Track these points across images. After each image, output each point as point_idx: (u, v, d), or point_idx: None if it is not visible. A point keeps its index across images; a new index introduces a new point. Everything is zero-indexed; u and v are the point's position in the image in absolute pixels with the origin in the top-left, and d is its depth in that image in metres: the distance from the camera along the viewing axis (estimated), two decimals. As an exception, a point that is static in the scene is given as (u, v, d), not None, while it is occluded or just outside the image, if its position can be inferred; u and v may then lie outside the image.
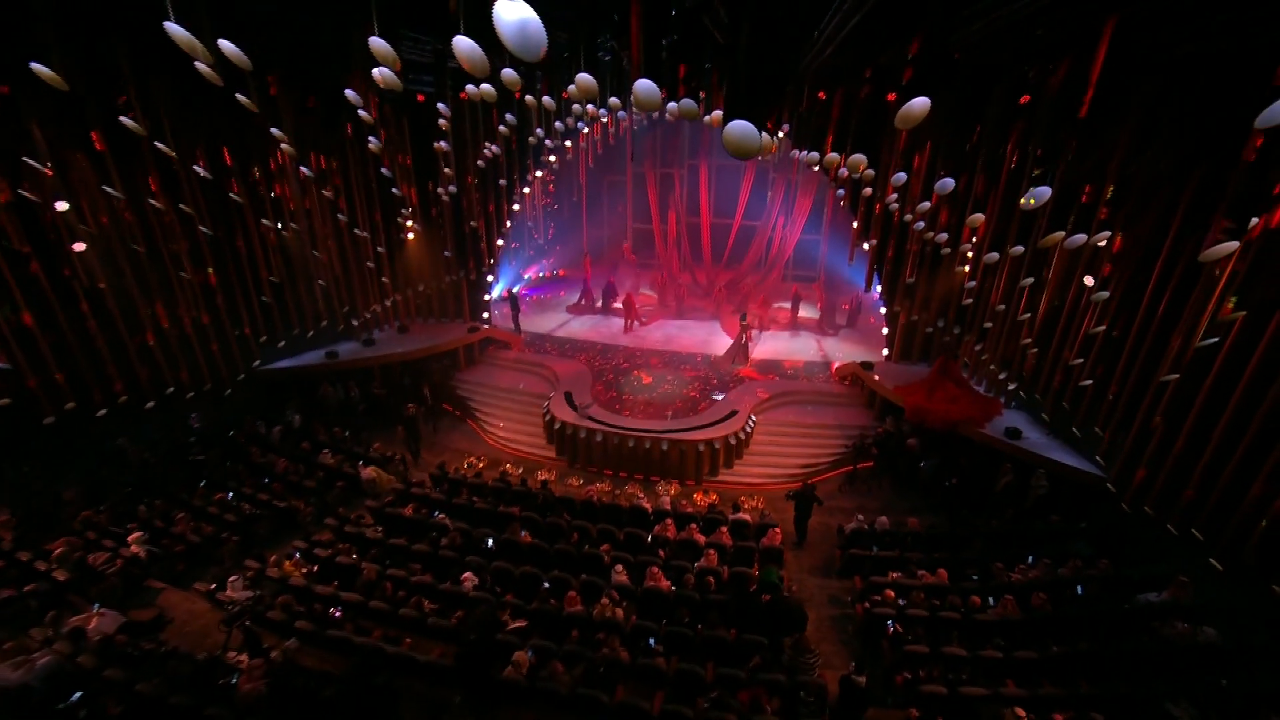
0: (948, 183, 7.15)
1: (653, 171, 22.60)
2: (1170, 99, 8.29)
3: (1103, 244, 9.21)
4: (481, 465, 14.02)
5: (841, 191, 14.58)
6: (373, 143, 10.90)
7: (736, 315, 20.29)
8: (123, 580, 8.74)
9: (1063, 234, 5.76)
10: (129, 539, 9.32)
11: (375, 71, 5.88)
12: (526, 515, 10.95)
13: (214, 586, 8.82)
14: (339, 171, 14.53)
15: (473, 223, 17.00)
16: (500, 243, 18.06)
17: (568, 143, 17.44)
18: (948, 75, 10.24)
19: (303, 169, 12.19)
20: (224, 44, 5.46)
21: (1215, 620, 7.62)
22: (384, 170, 13.35)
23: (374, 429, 15.44)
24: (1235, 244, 5.13)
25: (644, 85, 4.34)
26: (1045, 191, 4.89)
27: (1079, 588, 8.68)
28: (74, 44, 9.39)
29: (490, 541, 10.30)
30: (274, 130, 9.93)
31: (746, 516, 10.96)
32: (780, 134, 14.07)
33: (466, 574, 9.43)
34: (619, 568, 9.26)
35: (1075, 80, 8.72)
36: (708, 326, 19.94)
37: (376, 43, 5.11)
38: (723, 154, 22.15)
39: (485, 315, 18.72)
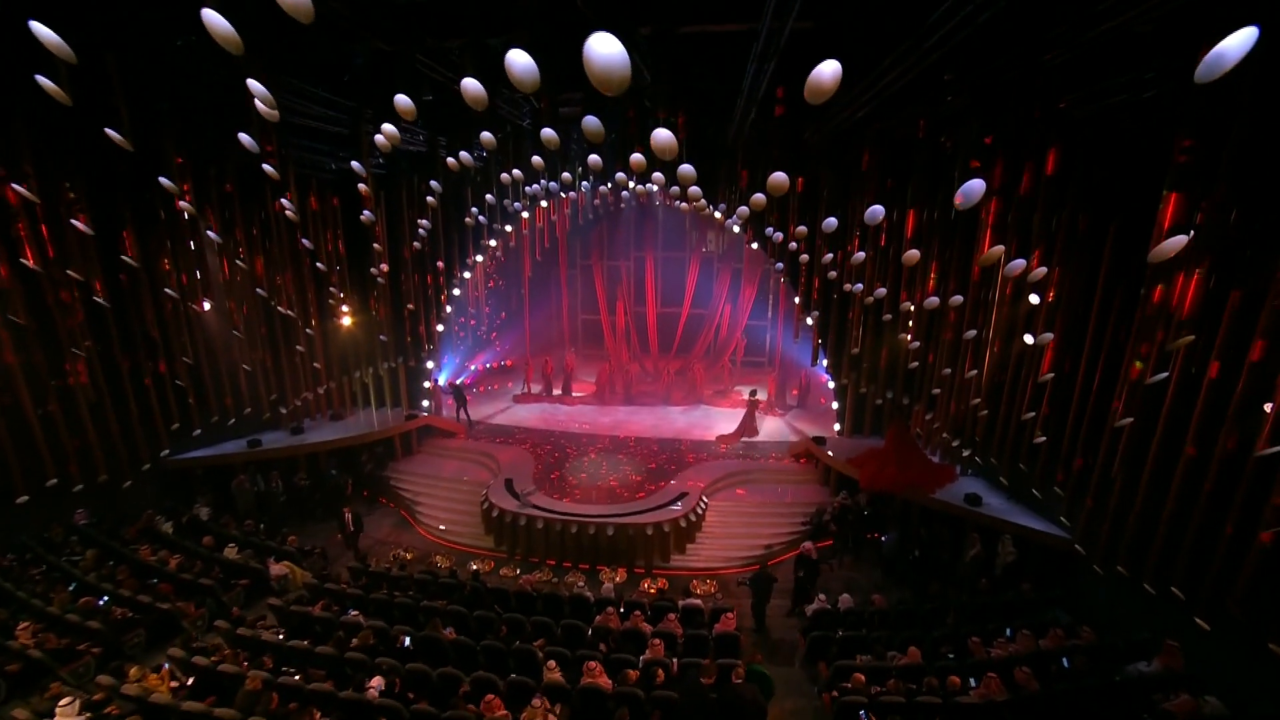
0: (877, 211, 7.05)
1: (599, 264, 22.96)
2: (1077, 157, 8.66)
3: (1036, 301, 9.26)
4: (410, 557, 12.65)
5: (780, 265, 14.77)
6: (288, 209, 10.20)
7: (688, 396, 20.12)
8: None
9: (1002, 249, 5.55)
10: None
11: (257, 103, 5.45)
12: (453, 609, 9.67)
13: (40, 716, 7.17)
14: (259, 242, 13.72)
15: (409, 305, 16.50)
16: (440, 328, 17.52)
17: (509, 227, 17.48)
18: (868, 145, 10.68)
19: (210, 233, 11.43)
20: (36, 27, 4.57)
21: (1216, 688, 6.86)
22: (304, 241, 12.64)
23: (296, 522, 14.06)
24: (1184, 238, 4.91)
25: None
26: (977, 187, 4.63)
27: (1064, 660, 7.84)
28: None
29: (408, 640, 8.95)
30: (164, 181, 8.71)
31: (698, 602, 9.90)
32: (718, 214, 14.41)
33: (375, 679, 8.05)
34: (551, 664, 8.03)
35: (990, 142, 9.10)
36: (657, 411, 19.48)
37: (210, 16, 4.04)
38: (669, 245, 22.71)
39: (425, 403, 17.84)
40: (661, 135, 4.61)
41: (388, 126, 6.77)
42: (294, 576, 11.45)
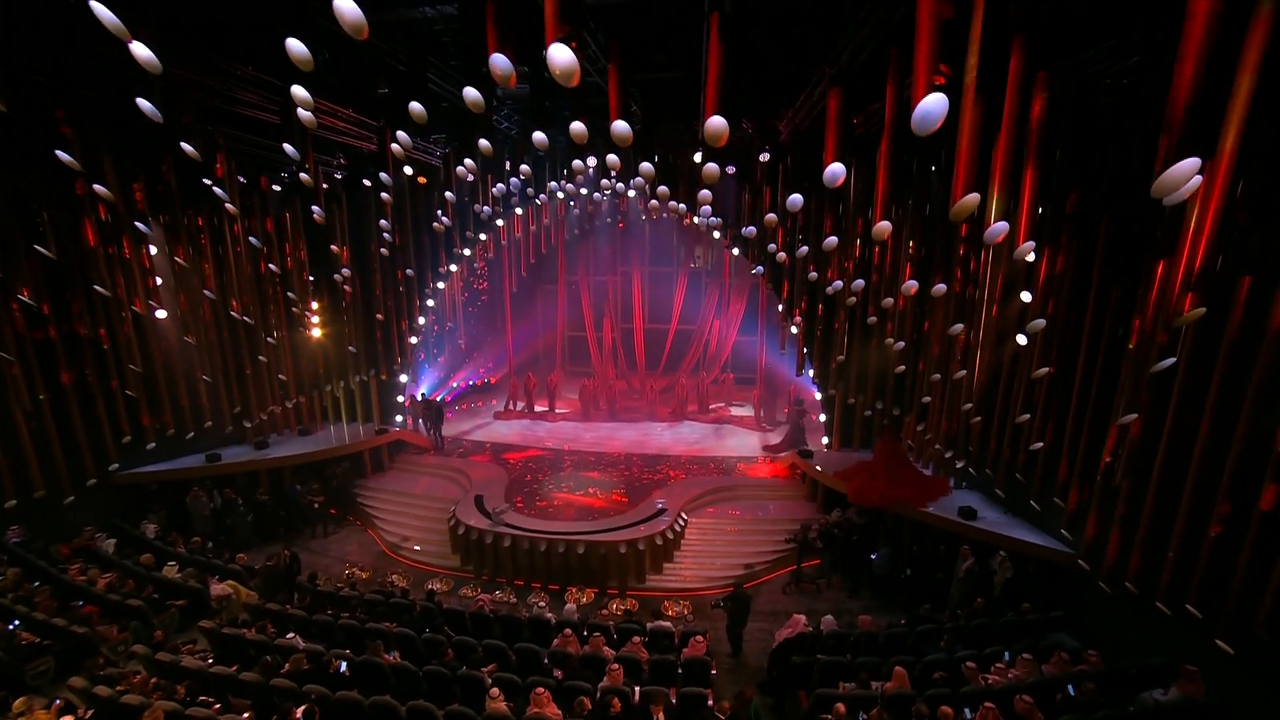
0: (837, 170, 6.42)
1: (585, 279, 22.48)
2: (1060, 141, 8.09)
3: (1028, 298, 8.61)
4: (365, 576, 11.81)
5: (760, 270, 14.19)
6: (227, 202, 9.42)
7: (673, 413, 19.35)
8: None
9: (977, 196, 4.86)
10: None
11: (131, 47, 4.77)
12: (401, 631, 8.86)
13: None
14: (208, 241, 12.96)
15: (379, 315, 15.87)
16: (414, 340, 16.88)
17: (483, 235, 16.96)
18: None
19: (139, 224, 10.64)
20: None
21: None
22: (253, 239, 11.87)
23: (258, 541, 13.37)
24: (1197, 161, 4.16)
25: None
26: (939, 103, 3.89)
27: (1070, 688, 6.99)
28: None
29: (344, 665, 8.12)
30: (62, 155, 7.62)
31: (667, 624, 9.07)
32: (697, 219, 13.93)
33: (301, 707, 7.21)
34: (494, 691, 7.19)
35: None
36: (641, 427, 18.83)
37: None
38: (656, 260, 22.23)
39: (399, 418, 17.12)
40: (559, 56, 3.90)
41: (299, 90, 6.12)
42: (237, 597, 10.63)
